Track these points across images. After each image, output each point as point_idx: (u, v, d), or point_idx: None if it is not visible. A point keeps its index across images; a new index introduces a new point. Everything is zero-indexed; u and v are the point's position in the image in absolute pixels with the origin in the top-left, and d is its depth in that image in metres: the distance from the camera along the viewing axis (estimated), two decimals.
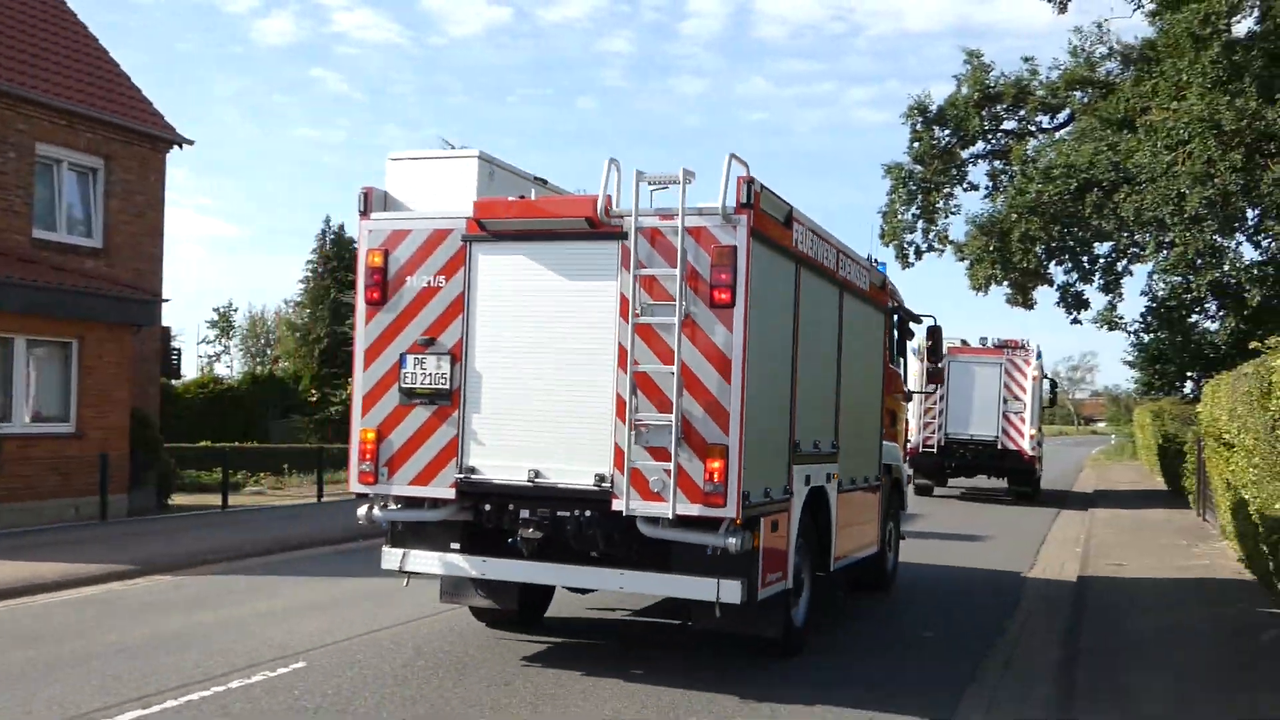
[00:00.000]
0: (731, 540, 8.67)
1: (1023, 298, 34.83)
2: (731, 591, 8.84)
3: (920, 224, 36.20)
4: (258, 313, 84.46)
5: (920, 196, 36.29)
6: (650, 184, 8.92)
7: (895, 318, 14.42)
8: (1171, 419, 34.01)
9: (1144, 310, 34.32)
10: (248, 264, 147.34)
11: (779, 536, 9.55)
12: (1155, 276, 32.47)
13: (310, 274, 55.07)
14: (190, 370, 76.72)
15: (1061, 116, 36.71)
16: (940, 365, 17.14)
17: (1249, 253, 34.25)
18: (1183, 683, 9.40)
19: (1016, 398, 29.43)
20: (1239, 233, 30.89)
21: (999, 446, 29.38)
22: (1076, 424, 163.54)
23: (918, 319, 15.75)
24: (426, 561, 9.83)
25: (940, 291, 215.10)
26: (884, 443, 13.81)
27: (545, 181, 10.37)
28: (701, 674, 9.69)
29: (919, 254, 36.11)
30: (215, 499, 23.59)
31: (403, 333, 9.62)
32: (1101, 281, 34.24)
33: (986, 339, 30.64)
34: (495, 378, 9.39)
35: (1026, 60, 52.08)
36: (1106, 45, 36.13)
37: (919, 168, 36.04)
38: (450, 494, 9.44)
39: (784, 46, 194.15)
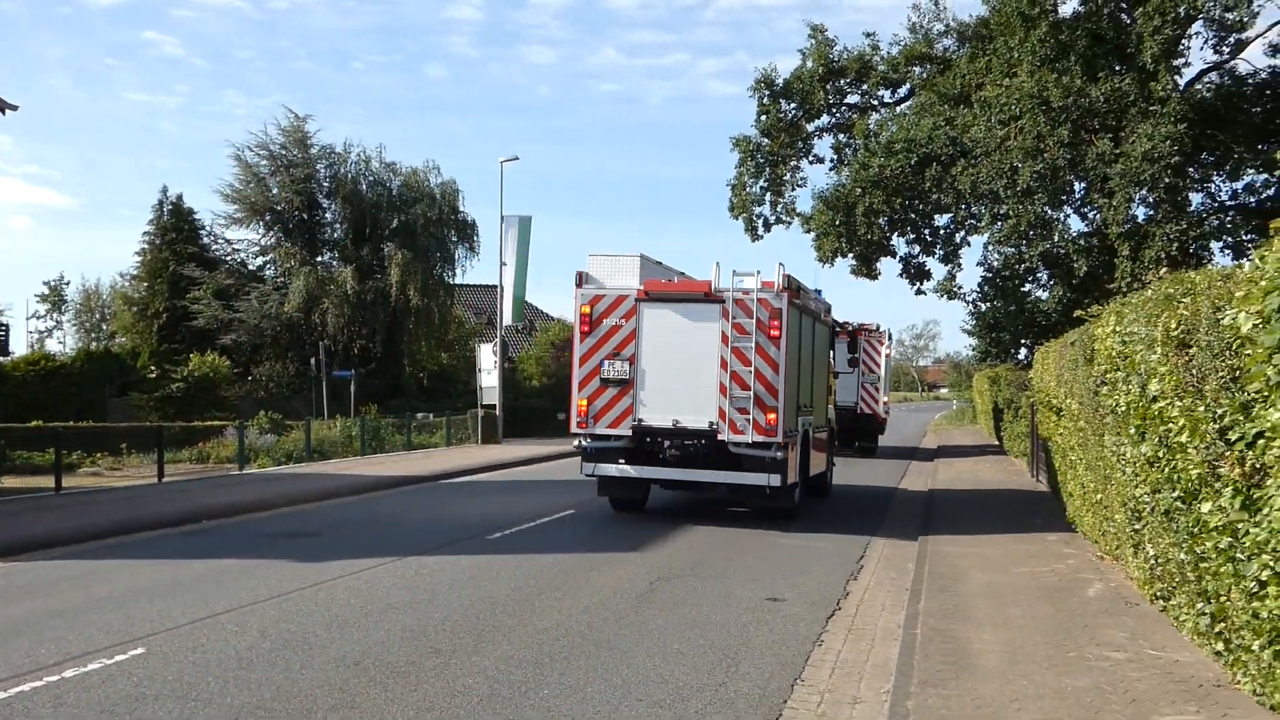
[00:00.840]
0: (779, 454, 16.88)
1: (867, 269, 34.68)
2: (776, 480, 16.91)
3: (768, 196, 35.90)
4: (91, 286, 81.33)
5: (768, 169, 35.69)
6: (737, 274, 16.82)
7: (834, 328, 23.01)
8: (1007, 385, 34.21)
9: (981, 280, 34.60)
10: (80, 235, 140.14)
11: (793, 454, 17.74)
12: (990, 247, 33.23)
13: (147, 246, 51.95)
14: (20, 347, 72.54)
15: (902, 91, 36.68)
16: (856, 355, 26.68)
17: (1076, 224, 35.26)
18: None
19: (872, 371, 33.83)
20: (1066, 205, 31.68)
21: (858, 411, 34.30)
22: (921, 390, 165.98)
23: (843, 326, 25.24)
24: (607, 469, 17.65)
25: (788, 263, 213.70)
26: (828, 405, 22.55)
27: (660, 263, 18.31)
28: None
29: (768, 226, 35.84)
30: (49, 481, 22.62)
31: (601, 349, 17.27)
32: (941, 253, 34.54)
33: (848, 323, 32.21)
34: (653, 373, 17.08)
35: (868, 35, 51.98)
36: (944, 22, 36.30)
37: (766, 141, 35.69)
38: (629, 433, 17.30)
39: (634, 17, 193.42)
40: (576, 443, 18.10)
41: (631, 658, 9.40)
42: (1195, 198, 31.19)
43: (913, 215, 33.45)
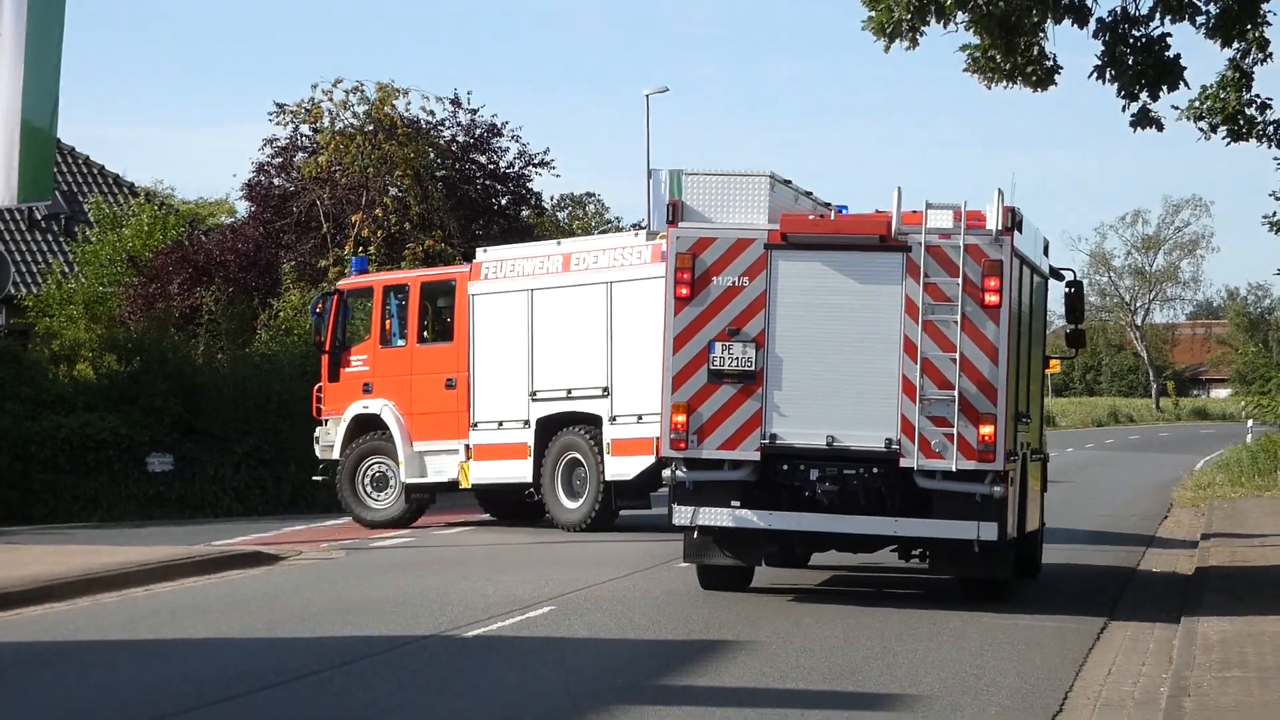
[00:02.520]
0: (996, 489, 16.43)
1: (1005, 52, 22.49)
2: (989, 531, 16.43)
3: None
4: None
5: None
6: (931, 207, 16.91)
7: (1048, 278, 21.32)
8: None
9: None
10: None
11: (1012, 491, 17.14)
12: None
13: None
14: None
15: None
16: (1082, 327, 22.82)
17: None
18: None
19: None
20: None
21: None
22: (1157, 392, 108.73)
23: (1059, 274, 21.91)
24: (716, 516, 17.02)
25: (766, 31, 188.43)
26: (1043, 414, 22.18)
27: (790, 182, 18.54)
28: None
29: None
30: None
31: (710, 324, 17.20)
32: (1214, 10, 22.54)
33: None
34: (794, 361, 17.14)
35: None
36: None
37: None
38: (755, 456, 16.98)
39: None
40: (666, 473, 17.85)
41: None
42: None
43: None
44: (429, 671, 14.00)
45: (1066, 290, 22.09)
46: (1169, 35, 21.52)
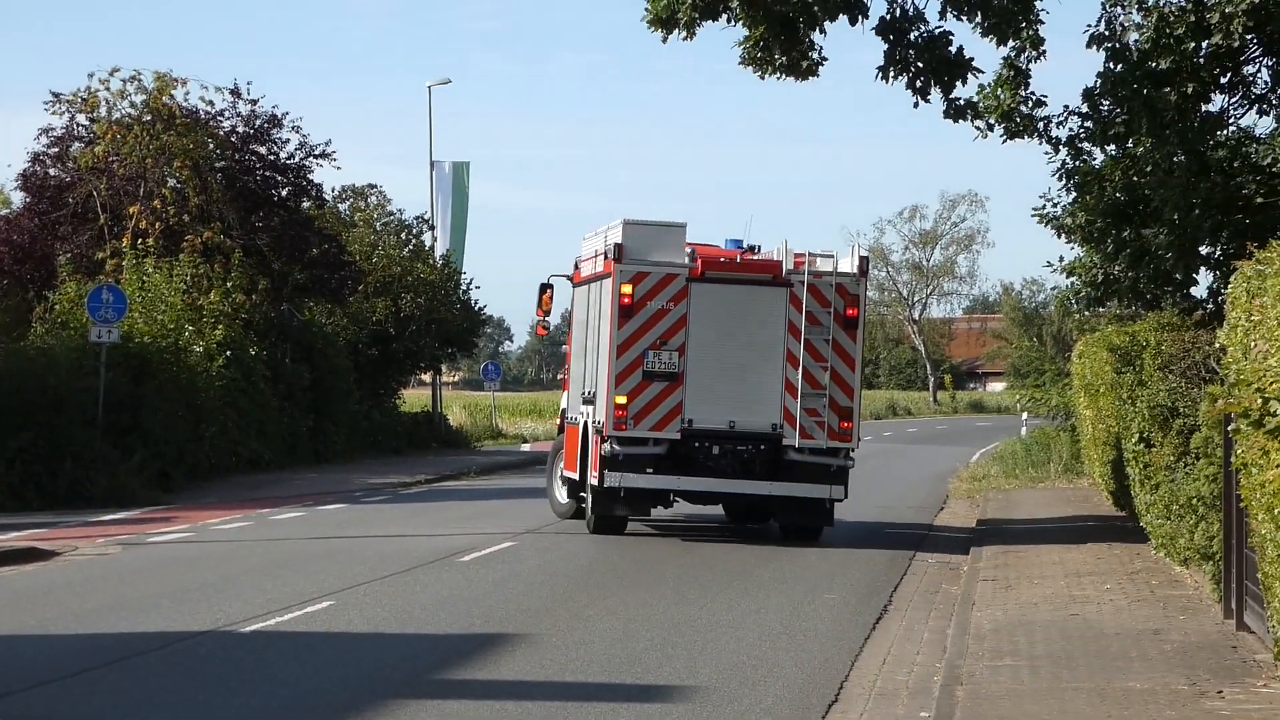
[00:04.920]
0: (849, 462, 23.16)
1: (786, 48, 22.39)
2: (839, 492, 23.11)
3: None
4: None
5: None
6: (812, 254, 23.22)
7: None
8: (1160, 366, 20.16)
9: (1096, 82, 22.16)
10: None
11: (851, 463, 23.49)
12: None
13: None
14: None
15: None
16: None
17: None
18: None
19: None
20: None
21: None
22: (934, 386, 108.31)
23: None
24: (638, 480, 22.72)
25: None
26: None
27: (741, 240, 24.91)
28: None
29: None
30: None
31: (644, 337, 22.81)
32: (1000, 6, 21.33)
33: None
34: (706, 366, 22.91)
35: None
36: None
37: None
38: (677, 436, 22.65)
39: None
40: (606, 448, 22.34)
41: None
42: None
43: None
44: (205, 667, 13.60)
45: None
46: (950, 33, 21.80)
